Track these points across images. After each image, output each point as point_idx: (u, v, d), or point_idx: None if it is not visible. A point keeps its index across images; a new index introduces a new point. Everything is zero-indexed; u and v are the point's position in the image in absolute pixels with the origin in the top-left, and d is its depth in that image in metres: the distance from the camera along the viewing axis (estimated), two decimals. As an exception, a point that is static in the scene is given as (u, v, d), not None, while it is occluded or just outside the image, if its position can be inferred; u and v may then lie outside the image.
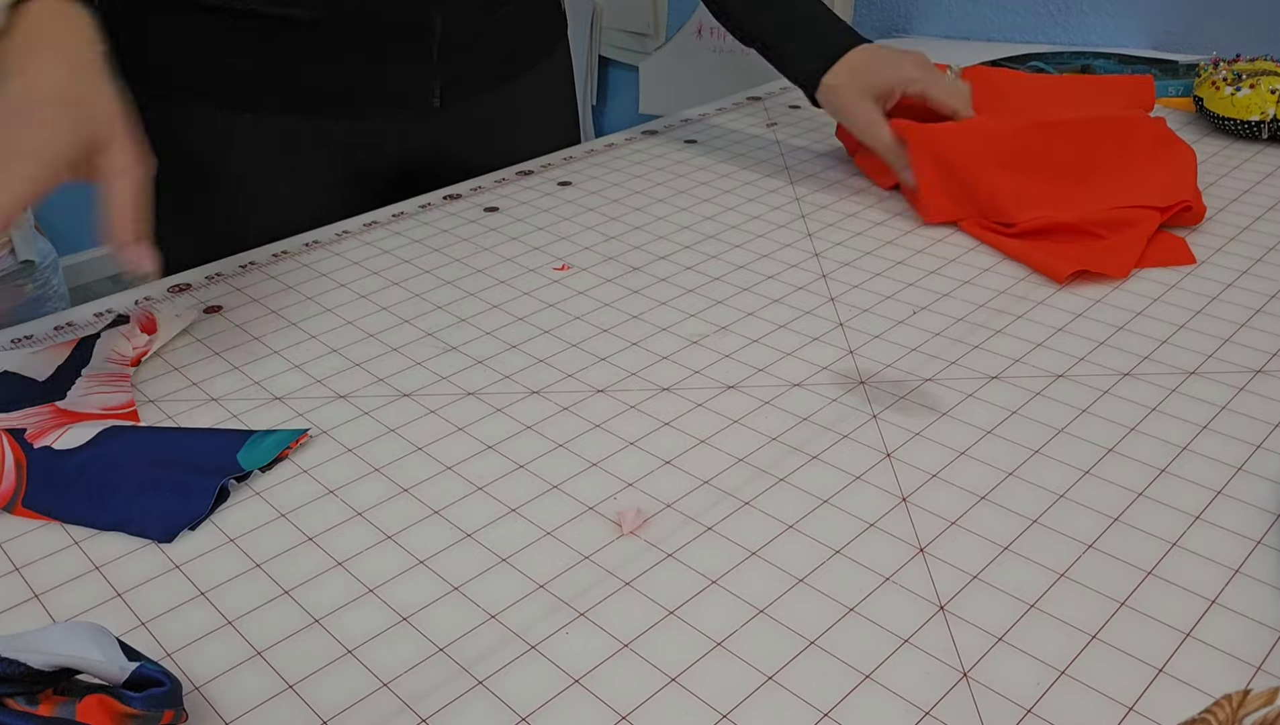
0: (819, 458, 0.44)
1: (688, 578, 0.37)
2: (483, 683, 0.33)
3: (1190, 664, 0.34)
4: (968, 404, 0.47)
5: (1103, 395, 0.48)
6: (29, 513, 0.41)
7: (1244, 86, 0.78)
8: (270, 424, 0.46)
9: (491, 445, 0.45)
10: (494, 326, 0.55)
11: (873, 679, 0.33)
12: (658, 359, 0.51)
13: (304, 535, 0.40)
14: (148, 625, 0.36)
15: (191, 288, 0.59)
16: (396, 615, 0.36)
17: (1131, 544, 0.39)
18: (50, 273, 1.98)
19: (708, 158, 0.78)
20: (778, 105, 0.90)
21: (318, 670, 0.34)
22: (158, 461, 0.43)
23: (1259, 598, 0.36)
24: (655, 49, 1.84)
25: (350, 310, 0.56)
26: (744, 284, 0.59)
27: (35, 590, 0.37)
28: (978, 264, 0.61)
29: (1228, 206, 0.67)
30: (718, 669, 0.34)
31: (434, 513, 0.41)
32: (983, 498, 0.41)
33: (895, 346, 0.52)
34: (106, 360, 0.51)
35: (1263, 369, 0.50)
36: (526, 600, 0.37)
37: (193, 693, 0.33)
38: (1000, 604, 0.36)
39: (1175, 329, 0.53)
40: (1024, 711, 0.32)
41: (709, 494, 0.42)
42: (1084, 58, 0.99)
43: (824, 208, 0.69)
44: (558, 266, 0.61)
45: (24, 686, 0.29)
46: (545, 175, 0.75)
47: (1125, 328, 0.53)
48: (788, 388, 0.49)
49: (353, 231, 0.66)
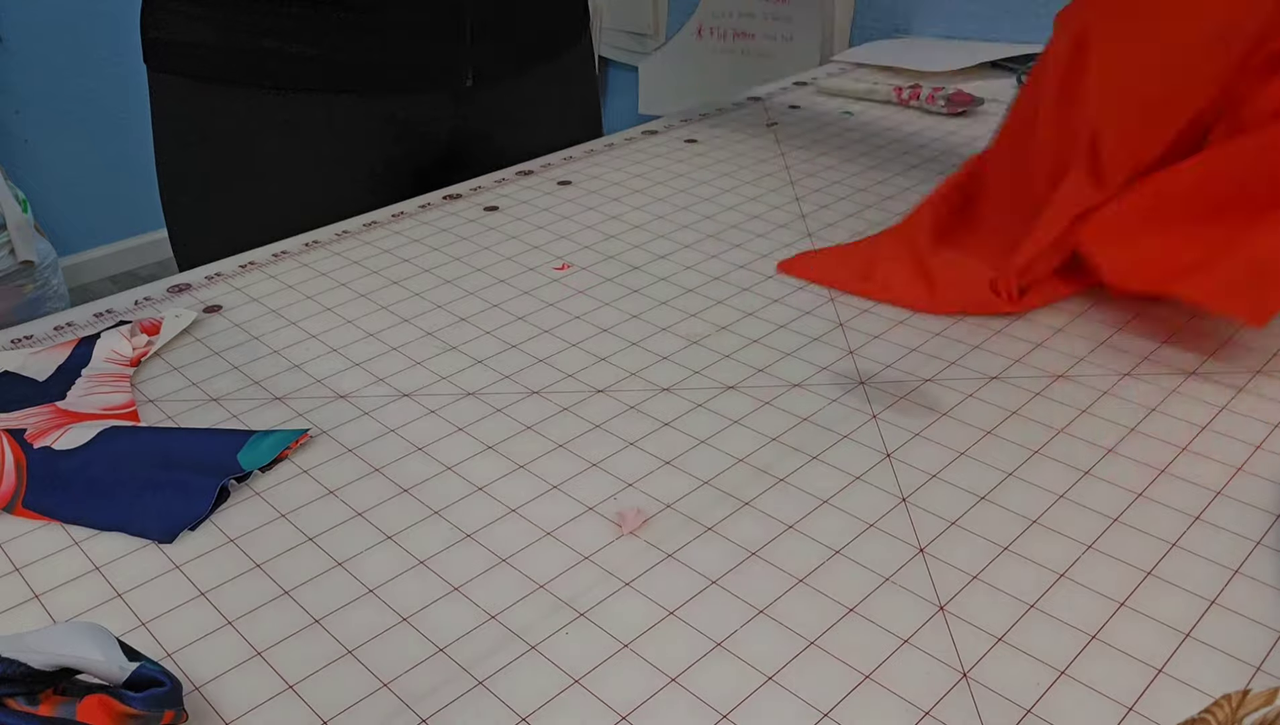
0: (819, 458, 0.44)
1: (688, 578, 0.38)
2: (483, 683, 0.33)
3: (1190, 664, 0.34)
4: (968, 404, 0.47)
5: (1103, 395, 0.48)
6: (29, 513, 0.41)
7: (1244, 86, 0.78)
8: (270, 424, 0.46)
9: (491, 445, 0.45)
10: (494, 326, 0.55)
11: (873, 679, 0.33)
12: (658, 359, 0.51)
13: (304, 535, 0.40)
14: (148, 625, 0.36)
15: (191, 287, 0.59)
16: (396, 615, 0.36)
17: (1131, 544, 0.39)
18: (50, 273, 1.99)
19: (708, 158, 0.78)
20: (778, 105, 0.90)
21: (318, 670, 0.34)
22: (158, 461, 0.43)
23: (1259, 598, 0.36)
24: (655, 49, 1.84)
25: (350, 310, 0.56)
26: (744, 284, 0.59)
27: (35, 590, 0.37)
28: (978, 264, 0.61)
29: (1228, 206, 0.67)
30: (718, 669, 0.34)
31: (434, 513, 0.41)
32: (983, 498, 0.41)
33: (895, 346, 0.52)
34: (106, 360, 0.51)
35: (1262, 369, 0.50)
36: (526, 600, 0.37)
37: (193, 693, 0.33)
38: (1000, 604, 0.36)
39: (1175, 329, 0.53)
40: (1024, 711, 0.32)
41: (709, 494, 0.42)
42: (1084, 58, 0.99)
43: (824, 208, 0.69)
44: (558, 266, 0.61)
45: (24, 686, 0.29)
46: (545, 175, 0.75)
47: (1125, 328, 0.53)
48: (788, 388, 0.49)
49: (352, 231, 0.66)
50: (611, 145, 0.81)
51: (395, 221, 0.67)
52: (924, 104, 0.88)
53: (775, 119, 0.87)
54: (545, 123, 0.81)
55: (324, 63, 0.69)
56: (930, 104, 0.88)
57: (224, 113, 0.70)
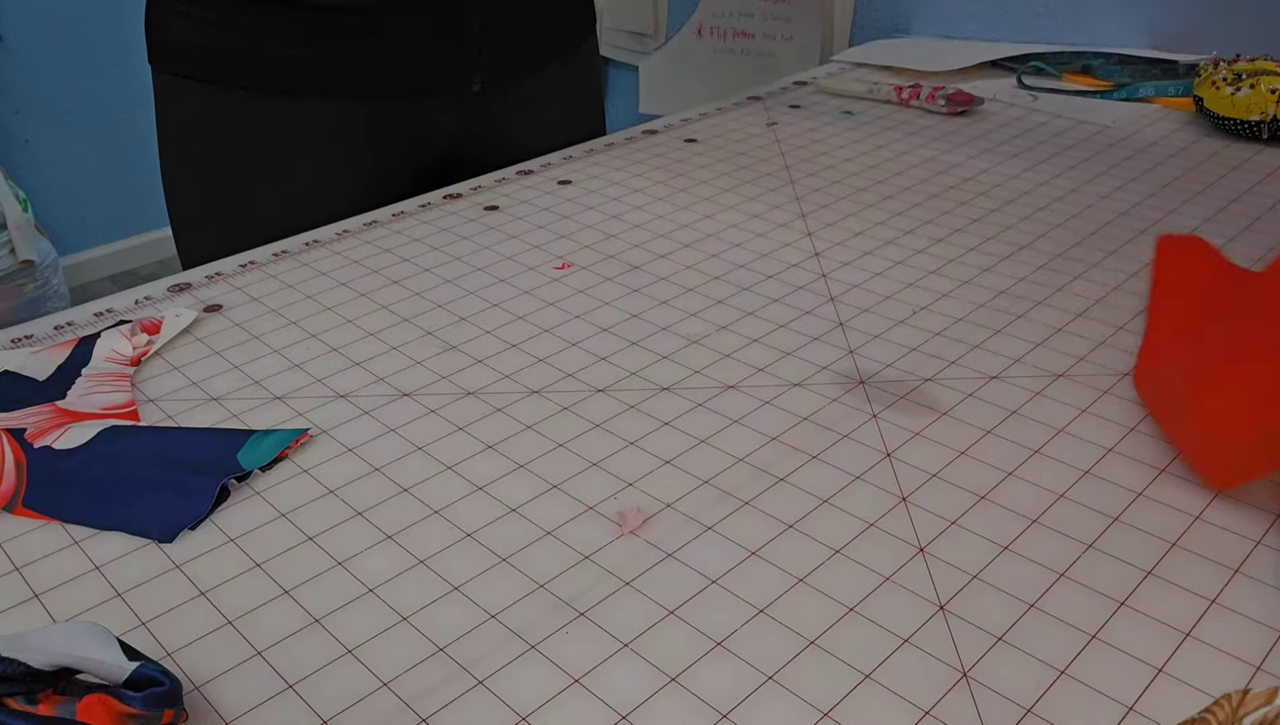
0: (819, 458, 0.44)
1: (688, 578, 0.38)
2: (483, 683, 0.33)
3: (1190, 664, 0.34)
4: (968, 404, 0.47)
5: (1103, 395, 0.48)
6: (29, 513, 0.41)
7: (1244, 86, 0.78)
8: (270, 424, 0.46)
9: (491, 445, 0.45)
10: (494, 325, 0.55)
11: (873, 679, 0.33)
12: (658, 359, 0.51)
13: (304, 535, 0.40)
14: (148, 625, 0.36)
15: (191, 287, 0.59)
16: (396, 615, 0.36)
17: (1131, 544, 0.39)
18: (50, 273, 1.99)
19: (708, 158, 0.78)
20: (778, 105, 0.90)
21: (318, 670, 0.34)
22: (158, 461, 0.43)
23: (1259, 598, 0.36)
24: (655, 49, 1.84)
25: (350, 309, 0.56)
26: (744, 284, 0.59)
27: (35, 590, 0.37)
28: (978, 264, 0.61)
29: (1227, 207, 0.67)
30: (718, 669, 0.34)
31: (434, 513, 0.41)
32: (983, 498, 0.41)
33: (895, 346, 0.52)
34: (106, 360, 0.51)
35: (1263, 369, 0.49)
36: (526, 600, 0.37)
37: (193, 693, 0.33)
38: (1000, 604, 0.36)
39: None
40: (1024, 711, 0.32)
41: (709, 494, 0.42)
42: (1084, 58, 0.99)
43: (824, 207, 0.69)
44: (558, 265, 0.61)
45: (24, 686, 0.29)
46: (545, 174, 0.75)
47: (1125, 328, 0.53)
48: (788, 388, 0.49)
49: (353, 231, 0.66)
50: (611, 145, 0.81)
51: (395, 221, 0.67)
52: (924, 104, 0.88)
53: (775, 119, 0.87)
54: (549, 125, 0.81)
55: (329, 67, 0.69)
56: (930, 104, 0.88)
57: (229, 114, 0.70)
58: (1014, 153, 0.79)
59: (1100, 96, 0.91)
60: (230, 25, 0.68)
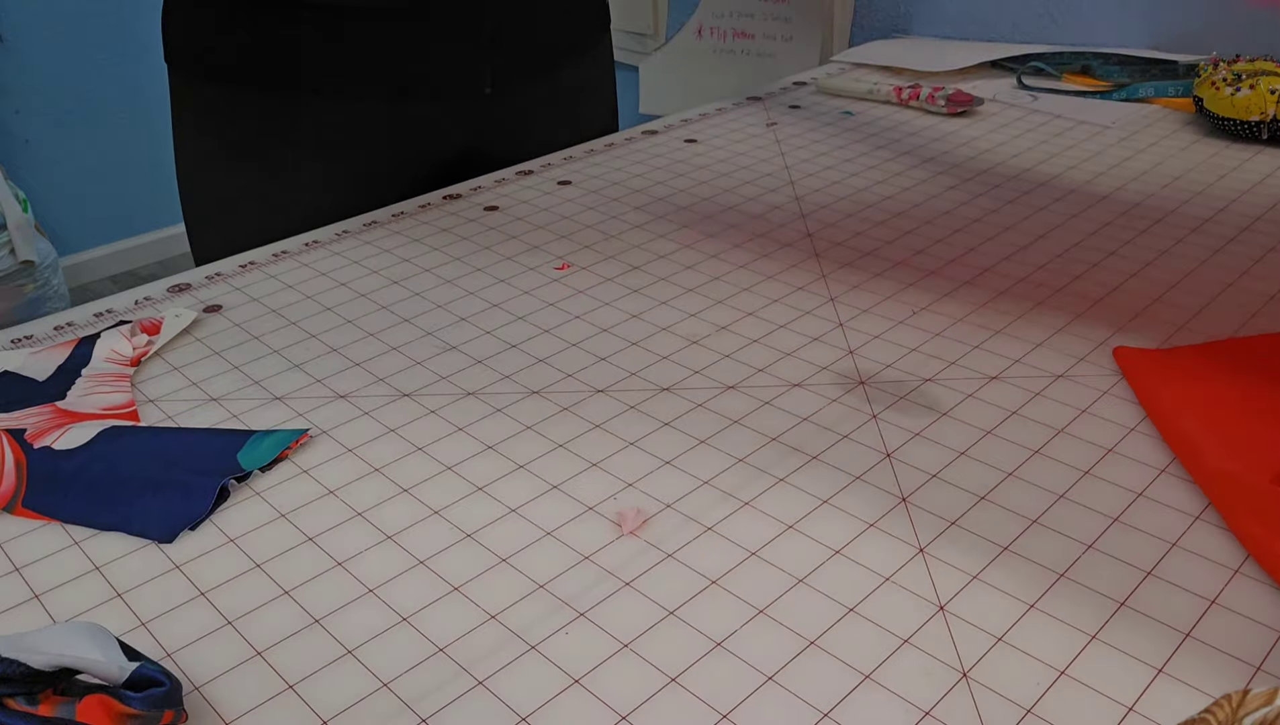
0: (819, 458, 0.44)
1: (688, 578, 0.37)
2: (483, 683, 0.33)
3: (1190, 664, 0.34)
4: (968, 404, 0.47)
5: (1103, 395, 0.48)
6: (29, 513, 0.41)
7: (1244, 87, 0.78)
8: (270, 424, 0.46)
9: (491, 445, 0.45)
10: (494, 326, 0.55)
11: (873, 679, 0.33)
12: (658, 359, 0.51)
13: (304, 535, 0.40)
14: (148, 625, 0.36)
15: (191, 287, 0.59)
16: (396, 615, 0.36)
17: (1131, 544, 0.39)
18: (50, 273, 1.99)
19: (708, 158, 0.78)
20: (778, 105, 0.90)
21: (318, 670, 0.34)
22: (157, 462, 0.43)
23: (1259, 598, 0.36)
24: (655, 49, 1.84)
25: (350, 309, 0.56)
26: (744, 284, 0.59)
27: (35, 590, 0.37)
28: (977, 264, 0.61)
29: (1227, 207, 0.67)
30: (718, 669, 0.34)
31: (434, 513, 0.41)
32: (983, 498, 0.41)
33: (895, 346, 0.52)
34: (106, 360, 0.51)
35: (1263, 369, 0.49)
36: (526, 600, 0.37)
37: (193, 693, 0.33)
38: (1000, 604, 0.36)
39: (1175, 329, 0.53)
40: (1024, 711, 0.32)
41: (709, 494, 0.42)
42: (1084, 58, 0.99)
43: (824, 207, 0.69)
44: (558, 266, 0.61)
45: (24, 686, 0.29)
46: (545, 174, 0.75)
47: (1125, 328, 0.53)
48: (788, 388, 0.49)
49: (353, 231, 0.66)
50: (611, 145, 0.81)
51: (395, 221, 0.67)
52: (924, 104, 0.88)
53: (775, 119, 0.87)
54: (565, 125, 0.81)
55: (345, 67, 0.69)
56: (930, 104, 0.88)
57: (243, 114, 0.70)
58: (1014, 153, 0.79)
59: (1100, 97, 0.91)
60: (246, 25, 0.68)
